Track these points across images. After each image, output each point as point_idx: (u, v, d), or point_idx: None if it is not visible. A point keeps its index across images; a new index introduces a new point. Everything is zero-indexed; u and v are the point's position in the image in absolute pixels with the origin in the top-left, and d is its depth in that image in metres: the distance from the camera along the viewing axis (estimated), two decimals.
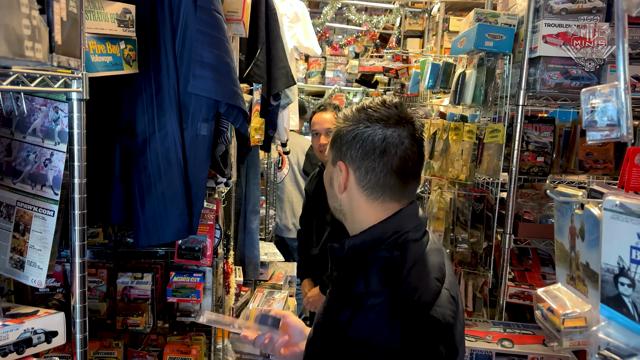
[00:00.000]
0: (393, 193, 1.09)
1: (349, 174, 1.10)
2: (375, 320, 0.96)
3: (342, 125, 1.12)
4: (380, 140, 1.06)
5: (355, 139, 1.08)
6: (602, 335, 0.84)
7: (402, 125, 1.07)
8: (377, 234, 1.08)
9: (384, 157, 1.06)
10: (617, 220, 0.81)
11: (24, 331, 1.19)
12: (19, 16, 0.75)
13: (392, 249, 1.05)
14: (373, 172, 1.08)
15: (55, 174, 1.26)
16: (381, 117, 1.07)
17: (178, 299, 2.08)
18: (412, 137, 1.08)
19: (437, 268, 1.07)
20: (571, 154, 2.48)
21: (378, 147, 1.06)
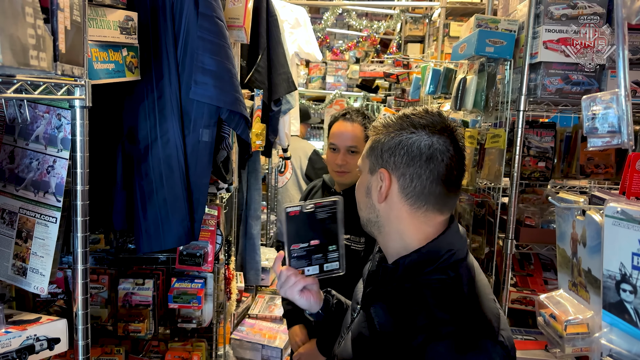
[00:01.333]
0: (437, 202, 1.05)
1: (391, 182, 1.07)
2: (447, 352, 0.92)
3: (382, 133, 1.09)
4: (427, 146, 1.04)
5: (400, 145, 1.05)
6: (605, 341, 0.84)
7: (447, 133, 1.05)
8: (432, 252, 1.04)
9: (430, 164, 1.04)
10: (618, 226, 0.82)
11: (27, 338, 1.19)
12: (24, 26, 0.76)
13: (447, 269, 1.02)
14: (419, 179, 1.04)
15: (58, 180, 1.27)
16: (427, 124, 1.05)
17: (179, 305, 2.08)
18: (456, 146, 1.06)
19: (489, 288, 1.05)
20: (572, 158, 2.48)
21: (425, 153, 1.04)
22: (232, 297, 2.38)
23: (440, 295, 0.98)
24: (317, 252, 1.22)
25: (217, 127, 1.81)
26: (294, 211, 1.19)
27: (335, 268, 1.23)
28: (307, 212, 1.19)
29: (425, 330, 0.94)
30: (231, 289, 2.37)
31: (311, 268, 1.22)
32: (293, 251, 1.21)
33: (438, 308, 0.96)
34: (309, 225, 1.20)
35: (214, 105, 1.72)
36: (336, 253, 1.22)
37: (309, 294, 1.24)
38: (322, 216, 1.21)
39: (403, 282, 1.04)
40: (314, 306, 1.26)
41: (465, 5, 4.45)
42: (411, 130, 1.05)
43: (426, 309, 0.96)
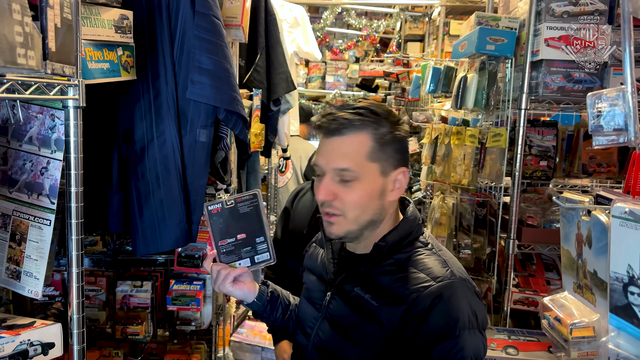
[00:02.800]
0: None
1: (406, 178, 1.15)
2: (453, 306, 1.04)
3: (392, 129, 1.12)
4: (406, 136, 1.15)
5: (404, 140, 1.14)
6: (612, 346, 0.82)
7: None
8: (407, 229, 1.16)
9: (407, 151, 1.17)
10: (626, 227, 0.79)
11: (20, 343, 1.16)
12: (10, 23, 0.73)
13: (418, 241, 1.16)
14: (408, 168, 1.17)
15: (52, 182, 1.24)
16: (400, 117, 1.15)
17: (178, 307, 2.06)
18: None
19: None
20: (574, 157, 2.45)
21: (406, 144, 1.15)
22: (231, 299, 2.36)
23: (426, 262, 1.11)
24: (245, 246, 1.24)
25: (214, 127, 1.78)
26: (215, 208, 1.23)
27: (267, 259, 1.26)
28: (229, 208, 1.22)
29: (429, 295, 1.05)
30: None
31: (242, 262, 1.25)
32: (221, 247, 1.24)
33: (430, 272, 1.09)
34: (233, 220, 1.23)
35: (211, 105, 1.70)
36: (265, 244, 1.25)
37: (242, 284, 1.26)
38: (244, 210, 1.24)
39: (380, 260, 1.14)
40: (248, 296, 1.29)
41: (465, 4, 4.42)
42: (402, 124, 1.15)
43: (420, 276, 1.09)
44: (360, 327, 1.11)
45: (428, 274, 1.08)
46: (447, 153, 2.70)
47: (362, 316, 1.12)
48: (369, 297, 1.12)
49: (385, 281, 1.11)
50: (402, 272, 1.10)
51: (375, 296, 1.11)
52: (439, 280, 1.07)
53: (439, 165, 2.83)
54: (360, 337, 1.12)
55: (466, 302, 1.06)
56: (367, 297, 1.12)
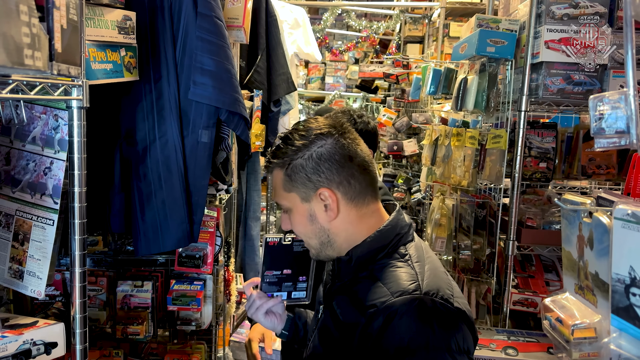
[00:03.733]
0: (372, 191, 1.14)
1: (335, 195, 1.10)
2: (410, 324, 0.97)
3: (293, 157, 1.11)
4: (342, 146, 1.10)
5: (322, 159, 1.09)
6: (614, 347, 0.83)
7: (339, 129, 1.13)
8: (381, 240, 1.10)
9: (353, 160, 1.11)
10: (628, 229, 0.80)
11: (23, 342, 1.17)
12: (18, 24, 0.74)
13: (396, 252, 1.10)
14: (354, 178, 1.11)
15: (55, 182, 1.25)
16: (329, 131, 1.11)
17: (179, 307, 2.06)
18: (351, 134, 1.14)
19: (439, 262, 1.13)
20: (574, 159, 2.46)
21: (345, 154, 1.10)
22: (231, 299, 2.36)
23: (393, 274, 1.05)
24: (287, 281, 1.34)
25: (216, 128, 1.79)
26: (273, 241, 1.32)
27: (302, 297, 1.36)
28: (285, 245, 1.32)
29: (384, 310, 0.99)
30: (231, 290, 2.35)
31: (280, 294, 1.34)
32: (266, 277, 1.33)
33: (394, 287, 1.02)
34: (284, 256, 1.32)
35: (212, 105, 1.70)
36: (305, 284, 1.36)
37: (273, 316, 1.33)
38: (297, 249, 1.32)
39: (358, 272, 1.10)
40: (277, 327, 1.35)
41: (465, 5, 4.43)
42: (319, 141, 1.10)
43: (382, 290, 1.03)
44: (336, 342, 1.10)
45: (389, 288, 1.03)
46: (447, 154, 2.71)
47: (337, 331, 1.10)
48: (339, 311, 1.11)
49: (357, 294, 1.08)
50: (370, 285, 1.06)
51: (344, 311, 1.09)
52: (397, 295, 1.00)
53: (438, 167, 2.84)
54: (335, 352, 1.10)
55: (429, 319, 0.98)
56: (338, 312, 1.11)
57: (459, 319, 1.01)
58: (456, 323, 1.00)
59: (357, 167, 1.11)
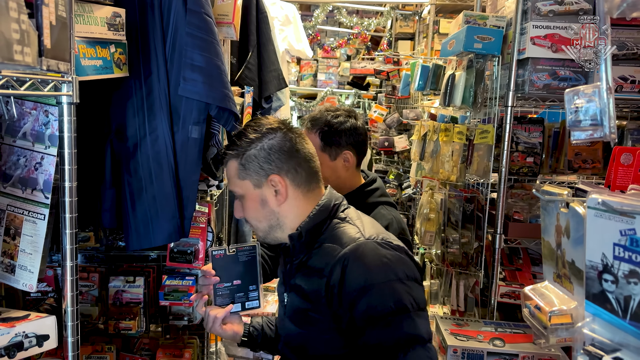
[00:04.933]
0: (317, 179, 1.32)
1: (284, 181, 1.26)
2: (362, 265, 1.13)
3: (247, 148, 1.27)
4: (289, 139, 1.28)
5: (272, 150, 1.26)
6: (587, 331, 0.86)
7: (285, 125, 1.31)
8: (323, 212, 1.26)
9: (299, 152, 1.28)
10: (600, 218, 0.83)
11: (15, 335, 1.18)
12: (7, 20, 0.76)
13: (336, 218, 1.27)
14: (300, 167, 1.27)
15: (46, 177, 1.26)
16: (278, 126, 1.29)
17: (171, 302, 2.08)
18: (295, 131, 1.31)
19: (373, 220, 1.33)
20: (560, 154, 2.50)
21: (292, 146, 1.27)
22: None
23: (339, 233, 1.22)
24: (239, 291, 1.41)
25: (206, 123, 1.80)
26: (219, 254, 1.40)
27: (256, 306, 1.43)
28: (230, 255, 1.40)
29: (339, 260, 1.15)
30: None
31: (234, 306, 1.40)
32: (218, 290, 1.40)
33: (345, 241, 1.18)
34: (232, 267, 1.39)
35: (202, 101, 1.72)
36: (256, 292, 1.42)
37: (231, 325, 1.41)
38: (243, 259, 1.40)
39: (310, 247, 1.25)
40: (237, 336, 1.43)
41: (455, 2, 4.47)
42: (270, 135, 1.27)
43: (334, 247, 1.19)
44: (308, 314, 1.21)
45: (339, 244, 1.18)
46: (436, 150, 2.74)
47: (306, 303, 1.22)
48: (302, 284, 1.23)
49: (313, 263, 1.23)
50: (321, 250, 1.22)
51: (307, 282, 1.22)
52: (346, 245, 1.17)
53: (427, 162, 2.87)
54: (311, 323, 1.21)
55: (377, 257, 1.14)
56: (302, 285, 1.23)
57: (401, 253, 1.18)
58: (400, 257, 1.17)
59: (303, 157, 1.28)
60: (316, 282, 1.19)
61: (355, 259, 1.13)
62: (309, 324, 1.22)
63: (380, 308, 1.09)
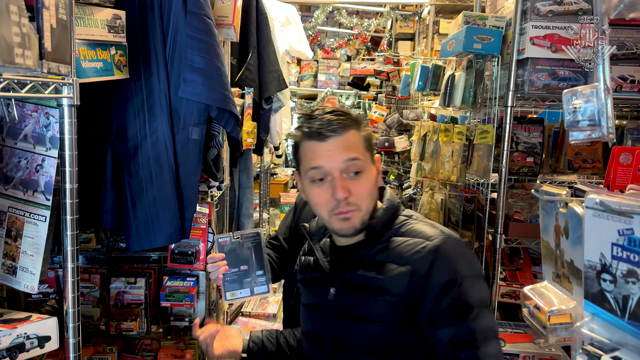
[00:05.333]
0: None
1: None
2: (450, 260, 1.14)
3: (362, 122, 1.27)
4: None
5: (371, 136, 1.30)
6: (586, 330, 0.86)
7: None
8: (392, 207, 1.27)
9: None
10: (598, 217, 0.83)
11: (17, 336, 1.19)
12: (8, 24, 0.76)
13: (401, 216, 1.27)
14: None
15: (47, 179, 1.27)
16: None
17: (172, 303, 2.08)
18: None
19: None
20: (560, 154, 2.50)
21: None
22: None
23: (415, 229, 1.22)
24: (246, 277, 1.42)
25: (207, 125, 1.81)
26: (224, 240, 1.42)
27: (265, 291, 1.44)
28: (236, 241, 1.42)
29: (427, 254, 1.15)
30: None
31: (242, 291, 1.42)
32: (226, 275, 1.41)
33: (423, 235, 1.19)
34: (237, 253, 1.42)
35: (203, 103, 1.72)
36: (264, 277, 1.43)
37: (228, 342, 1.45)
38: (248, 245, 1.43)
39: (377, 240, 1.23)
40: (236, 353, 1.45)
41: (455, 2, 4.47)
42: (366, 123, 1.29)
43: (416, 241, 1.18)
44: (372, 303, 1.19)
45: (422, 237, 1.18)
46: (436, 150, 2.74)
47: (371, 293, 1.19)
48: (373, 274, 1.19)
49: (384, 257, 1.20)
50: (397, 244, 1.20)
51: (379, 272, 1.19)
52: (432, 238, 1.16)
53: (427, 162, 2.88)
54: (375, 313, 1.18)
55: (461, 254, 1.16)
56: (371, 275, 1.20)
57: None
58: (474, 255, 1.21)
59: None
60: (396, 272, 1.17)
61: (445, 252, 1.14)
62: (371, 314, 1.20)
63: (467, 300, 1.12)
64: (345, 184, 1.18)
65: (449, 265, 1.14)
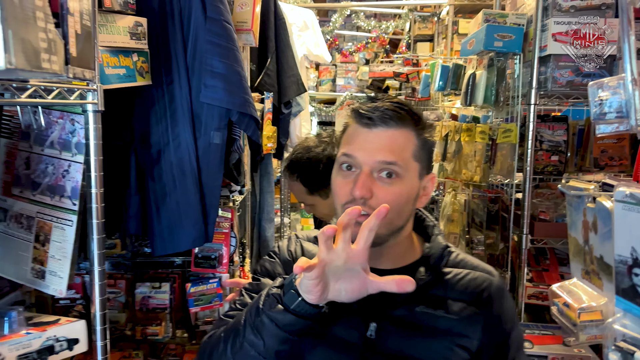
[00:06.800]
0: None
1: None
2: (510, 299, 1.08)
3: (426, 125, 1.04)
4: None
5: (433, 146, 1.07)
6: (618, 327, 0.84)
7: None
8: (440, 233, 1.11)
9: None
10: (628, 210, 0.81)
11: (47, 339, 1.21)
12: (35, 30, 0.78)
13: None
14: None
15: (73, 184, 1.29)
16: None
17: (202, 307, 2.09)
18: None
19: None
20: (586, 152, 2.46)
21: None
22: None
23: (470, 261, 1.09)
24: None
25: (227, 129, 1.82)
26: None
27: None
28: None
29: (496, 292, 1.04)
30: None
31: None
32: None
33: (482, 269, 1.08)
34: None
35: (224, 107, 1.74)
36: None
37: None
38: None
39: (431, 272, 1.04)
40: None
41: (474, 2, 4.43)
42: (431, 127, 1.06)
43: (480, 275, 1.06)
44: (448, 352, 0.99)
45: (482, 271, 1.06)
46: (458, 150, 2.72)
47: (439, 335, 0.99)
48: (441, 312, 1.00)
49: (443, 291, 1.02)
50: (457, 277, 1.04)
51: (448, 310, 1.00)
52: (493, 274, 1.06)
53: (449, 163, 2.85)
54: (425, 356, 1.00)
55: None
56: (439, 314, 1.00)
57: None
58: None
59: None
60: (468, 311, 1.01)
61: (505, 289, 1.07)
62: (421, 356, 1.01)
63: (522, 334, 1.10)
64: (370, 184, 0.96)
65: (511, 302, 1.07)
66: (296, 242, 1.17)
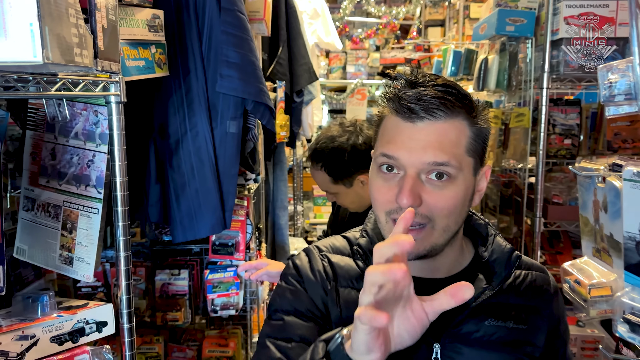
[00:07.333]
0: None
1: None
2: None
3: (482, 113, 0.87)
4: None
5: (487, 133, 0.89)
6: (627, 300, 0.87)
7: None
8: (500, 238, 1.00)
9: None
10: (636, 189, 0.84)
11: (77, 321, 1.27)
12: (68, 26, 0.82)
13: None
14: None
15: (98, 174, 1.34)
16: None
17: (219, 294, 2.15)
18: None
19: None
20: (599, 135, 2.46)
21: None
22: (264, 284, 2.44)
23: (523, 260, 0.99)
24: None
25: (243, 118, 1.86)
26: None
27: None
28: None
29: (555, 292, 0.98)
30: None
31: None
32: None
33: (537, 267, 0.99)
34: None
35: (239, 97, 1.77)
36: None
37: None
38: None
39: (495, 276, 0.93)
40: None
41: None
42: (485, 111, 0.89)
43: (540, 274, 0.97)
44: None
45: (538, 270, 0.96)
46: None
47: (509, 348, 0.89)
48: (511, 323, 0.90)
49: (505, 297, 0.92)
50: (519, 279, 0.93)
51: (517, 319, 0.90)
52: (546, 272, 0.99)
53: None
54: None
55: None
56: (509, 325, 0.89)
57: None
58: None
59: None
60: (534, 318, 0.92)
61: (558, 287, 1.01)
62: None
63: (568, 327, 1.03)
64: (418, 189, 0.81)
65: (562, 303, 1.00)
66: (321, 258, 0.98)
